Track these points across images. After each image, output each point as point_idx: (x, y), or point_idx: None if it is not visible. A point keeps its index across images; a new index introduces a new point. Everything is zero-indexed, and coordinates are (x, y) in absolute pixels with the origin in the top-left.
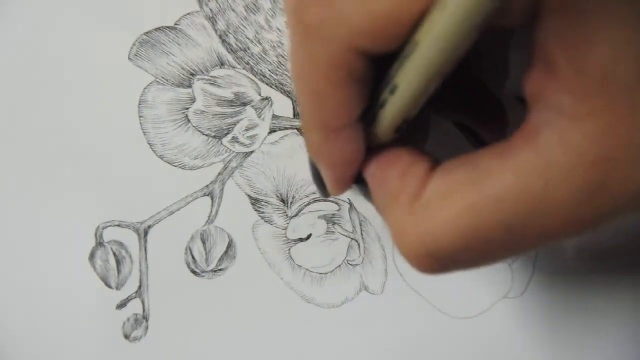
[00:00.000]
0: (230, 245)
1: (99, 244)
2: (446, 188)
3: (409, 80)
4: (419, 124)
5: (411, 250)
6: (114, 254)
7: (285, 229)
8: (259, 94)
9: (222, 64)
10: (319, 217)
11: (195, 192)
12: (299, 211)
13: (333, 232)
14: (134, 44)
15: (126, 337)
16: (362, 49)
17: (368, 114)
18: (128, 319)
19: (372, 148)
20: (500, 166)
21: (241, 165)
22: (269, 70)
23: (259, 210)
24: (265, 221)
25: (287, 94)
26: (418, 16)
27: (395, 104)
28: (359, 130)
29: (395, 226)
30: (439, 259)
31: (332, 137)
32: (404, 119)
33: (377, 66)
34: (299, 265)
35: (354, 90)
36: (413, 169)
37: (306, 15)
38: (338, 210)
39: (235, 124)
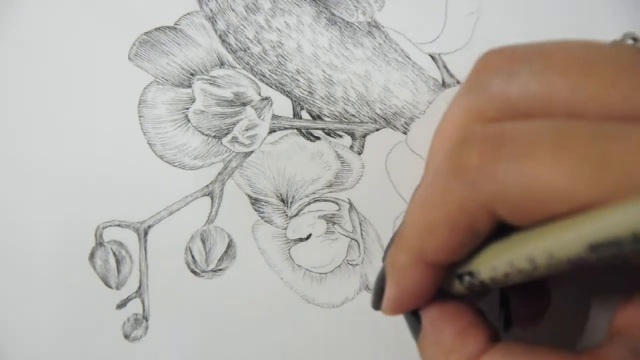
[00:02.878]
0: (230, 245)
1: (99, 244)
2: None
3: (499, 266)
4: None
5: None
6: (114, 254)
7: (285, 229)
8: (259, 94)
9: (222, 64)
10: (319, 217)
11: (195, 192)
12: (299, 211)
13: (333, 232)
14: (134, 44)
15: (126, 337)
16: (497, 215)
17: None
18: (128, 319)
19: (442, 291)
20: None
21: (241, 165)
22: (269, 70)
23: (259, 210)
24: (265, 221)
25: (287, 94)
26: (558, 216)
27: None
28: (442, 273)
29: None
30: None
31: (419, 266)
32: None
33: (496, 229)
34: (299, 265)
35: (465, 240)
36: (472, 332)
37: (466, 158)
38: (338, 210)
39: (235, 124)
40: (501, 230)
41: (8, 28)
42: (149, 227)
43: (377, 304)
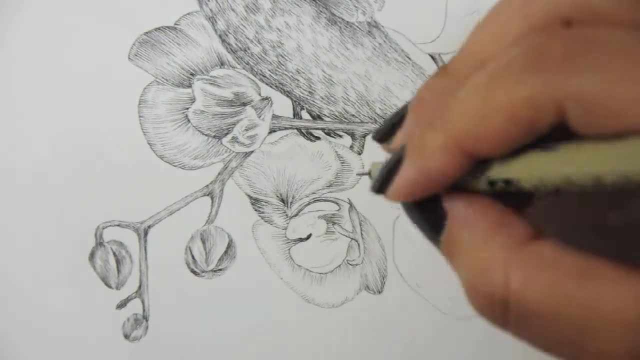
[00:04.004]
0: (230, 245)
1: (99, 244)
2: (560, 261)
3: (532, 179)
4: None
5: (498, 287)
6: (114, 254)
7: (285, 229)
8: (259, 94)
9: (222, 64)
10: (319, 217)
11: (195, 192)
12: (299, 211)
13: (333, 232)
14: (134, 44)
15: (126, 337)
16: (565, 116)
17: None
18: (128, 319)
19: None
20: (621, 285)
21: (241, 165)
22: (269, 70)
23: (259, 210)
24: (265, 221)
25: (287, 94)
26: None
27: (501, 174)
28: (470, 166)
29: (477, 263)
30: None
31: (454, 151)
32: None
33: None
34: (299, 265)
35: (518, 136)
36: (513, 220)
37: (551, 48)
38: (338, 210)
39: (235, 124)
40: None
41: (8, 28)
42: (149, 227)
43: (381, 186)
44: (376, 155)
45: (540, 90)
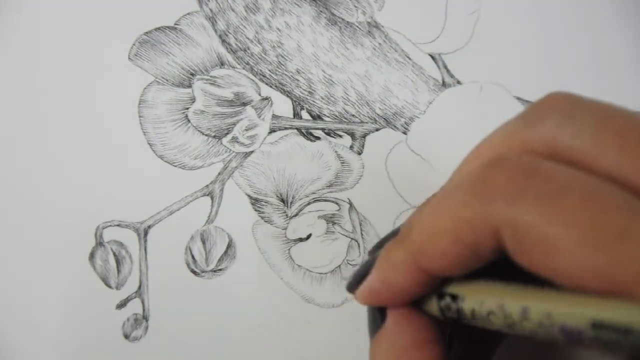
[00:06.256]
0: (230, 245)
1: (99, 244)
2: None
3: (482, 305)
4: None
5: None
6: (114, 254)
7: (285, 229)
8: (259, 94)
9: (222, 64)
10: (319, 217)
11: (195, 192)
12: (299, 211)
13: (333, 232)
14: (134, 44)
15: (126, 337)
16: (501, 243)
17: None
18: (128, 319)
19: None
20: None
21: (241, 165)
22: (269, 70)
23: (259, 210)
24: (265, 221)
25: (287, 94)
26: None
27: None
28: (429, 284)
29: None
30: None
31: (411, 268)
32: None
33: (499, 265)
34: (299, 265)
35: (464, 257)
36: (430, 346)
37: (493, 178)
38: (338, 210)
39: (235, 124)
40: (504, 271)
41: (8, 28)
42: (149, 227)
43: (353, 287)
44: (376, 155)
45: (479, 214)
